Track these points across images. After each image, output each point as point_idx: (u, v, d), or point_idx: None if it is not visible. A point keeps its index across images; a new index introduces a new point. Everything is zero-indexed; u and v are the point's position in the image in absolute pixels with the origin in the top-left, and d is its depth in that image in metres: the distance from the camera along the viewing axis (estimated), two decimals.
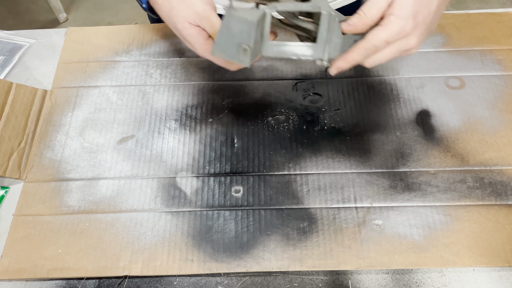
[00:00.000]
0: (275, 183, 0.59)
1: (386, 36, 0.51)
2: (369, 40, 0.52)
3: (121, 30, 0.75)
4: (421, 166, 0.59)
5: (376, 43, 0.51)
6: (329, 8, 0.50)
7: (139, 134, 0.64)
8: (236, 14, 0.48)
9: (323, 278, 0.52)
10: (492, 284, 0.51)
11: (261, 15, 0.49)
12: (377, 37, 0.51)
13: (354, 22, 0.52)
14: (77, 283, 0.53)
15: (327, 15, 0.50)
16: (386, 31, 0.51)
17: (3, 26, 2.00)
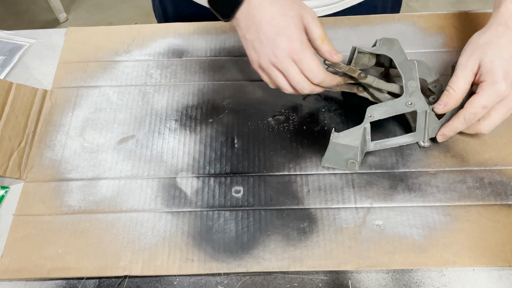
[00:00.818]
0: (275, 184, 0.59)
1: (483, 103, 0.54)
2: (467, 109, 0.55)
3: (121, 30, 0.75)
4: (421, 167, 0.59)
5: (474, 111, 0.54)
6: (422, 103, 0.56)
7: (139, 134, 0.64)
8: (342, 141, 0.56)
9: (323, 278, 0.52)
10: (492, 284, 0.51)
11: (363, 132, 0.56)
12: (474, 104, 0.54)
13: (445, 101, 0.56)
14: (77, 283, 0.53)
15: (422, 113, 0.56)
16: (481, 98, 0.54)
17: (3, 26, 2.00)
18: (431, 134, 0.59)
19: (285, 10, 0.54)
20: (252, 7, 0.55)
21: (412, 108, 0.56)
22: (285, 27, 0.54)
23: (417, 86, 0.58)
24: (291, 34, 0.54)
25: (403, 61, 0.60)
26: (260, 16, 0.54)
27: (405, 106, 0.56)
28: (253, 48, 0.56)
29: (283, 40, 0.54)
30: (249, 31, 0.56)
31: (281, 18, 0.54)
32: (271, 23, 0.54)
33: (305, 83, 0.56)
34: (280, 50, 0.54)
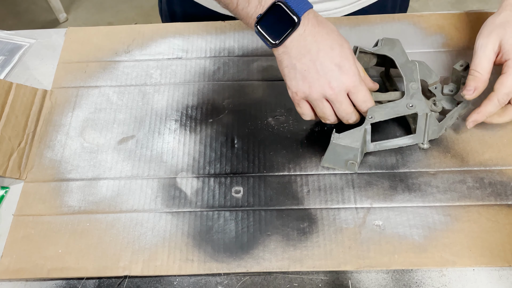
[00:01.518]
0: (275, 184, 0.59)
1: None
2: (499, 90, 0.54)
3: (121, 30, 0.75)
4: (421, 167, 0.59)
5: (506, 91, 0.53)
6: (423, 105, 0.56)
7: (139, 134, 0.64)
8: (342, 142, 0.56)
9: (323, 278, 0.52)
10: (492, 284, 0.51)
11: (363, 134, 0.56)
12: (505, 84, 0.53)
13: (474, 85, 0.55)
14: (77, 283, 0.53)
15: (423, 115, 0.56)
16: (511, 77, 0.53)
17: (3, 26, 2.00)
18: (431, 136, 0.59)
19: (342, 41, 0.54)
20: (308, 34, 0.53)
21: (413, 110, 0.56)
22: (345, 59, 0.53)
23: (418, 88, 0.58)
24: (351, 66, 0.53)
25: (405, 63, 0.60)
26: (318, 46, 0.53)
27: (406, 108, 0.57)
28: (304, 78, 0.54)
29: (343, 72, 0.53)
30: (301, 60, 0.53)
31: (340, 49, 0.53)
32: (330, 53, 0.53)
33: (354, 114, 0.56)
34: (339, 82, 0.53)
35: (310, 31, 0.53)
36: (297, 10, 0.52)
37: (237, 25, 0.75)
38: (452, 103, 0.62)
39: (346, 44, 0.54)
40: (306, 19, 0.53)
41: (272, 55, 0.71)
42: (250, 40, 0.72)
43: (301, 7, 0.53)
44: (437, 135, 0.60)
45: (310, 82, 0.54)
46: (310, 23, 0.53)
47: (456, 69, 0.62)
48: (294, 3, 0.53)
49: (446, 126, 0.61)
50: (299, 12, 0.52)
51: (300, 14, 0.52)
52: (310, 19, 0.53)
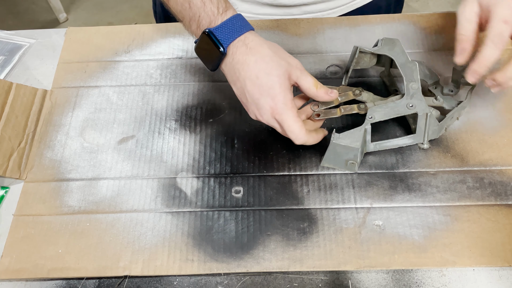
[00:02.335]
0: (276, 184, 0.59)
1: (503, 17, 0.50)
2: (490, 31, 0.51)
3: (121, 30, 0.75)
4: (421, 167, 0.59)
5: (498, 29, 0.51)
6: (423, 105, 0.56)
7: (139, 134, 0.64)
8: (342, 142, 0.56)
9: (323, 278, 0.52)
10: (492, 284, 0.51)
11: (363, 134, 0.56)
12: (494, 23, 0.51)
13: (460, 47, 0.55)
14: (77, 283, 0.53)
15: (423, 115, 0.56)
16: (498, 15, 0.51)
17: (3, 26, 2.00)
18: (431, 136, 0.59)
19: (270, 69, 0.53)
20: (236, 63, 0.54)
21: (413, 110, 0.56)
22: (269, 87, 0.52)
23: (418, 88, 0.58)
24: (275, 94, 0.52)
25: (405, 63, 0.60)
26: (245, 75, 0.53)
27: (406, 108, 0.57)
28: (241, 101, 0.56)
29: (267, 100, 0.53)
30: (235, 84, 0.55)
31: (266, 78, 0.53)
32: (255, 82, 0.53)
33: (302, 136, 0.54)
34: (264, 110, 0.53)
35: (238, 60, 0.54)
36: (223, 40, 0.53)
37: None
38: (452, 103, 0.62)
39: (276, 71, 0.53)
40: (235, 47, 0.54)
41: None
42: None
43: (228, 36, 0.53)
44: (437, 135, 0.60)
45: (246, 106, 0.56)
46: (238, 52, 0.54)
47: (456, 69, 0.62)
48: (221, 33, 0.53)
49: (446, 126, 0.61)
50: (225, 42, 0.53)
51: (226, 44, 0.53)
52: (239, 48, 0.54)
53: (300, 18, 0.75)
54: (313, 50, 0.71)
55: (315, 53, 0.71)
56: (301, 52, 0.71)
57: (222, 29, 0.54)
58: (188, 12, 0.56)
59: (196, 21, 0.56)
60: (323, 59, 0.70)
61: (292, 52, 0.71)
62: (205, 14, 0.55)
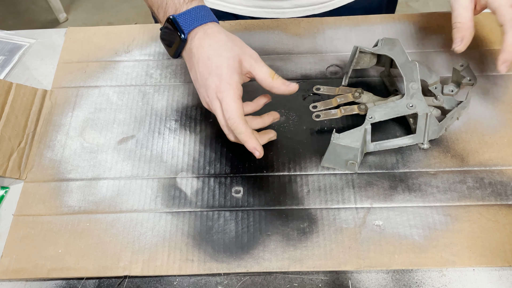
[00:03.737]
0: (276, 184, 0.59)
1: None
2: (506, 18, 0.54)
3: (121, 30, 0.75)
4: (421, 167, 0.59)
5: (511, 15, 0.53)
6: (423, 105, 0.56)
7: (139, 134, 0.64)
8: (342, 142, 0.56)
9: (323, 278, 0.52)
10: (492, 284, 0.51)
11: (363, 134, 0.56)
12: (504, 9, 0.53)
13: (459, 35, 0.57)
14: (77, 283, 0.53)
15: (423, 115, 0.56)
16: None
17: (3, 26, 2.00)
18: (431, 136, 0.59)
19: (221, 51, 0.54)
20: (193, 47, 0.55)
21: (413, 110, 0.56)
22: (217, 67, 0.53)
23: (418, 88, 0.58)
24: (221, 73, 0.53)
25: (405, 62, 0.60)
26: (198, 56, 0.55)
27: (406, 108, 0.57)
28: (196, 89, 0.57)
29: (213, 79, 0.53)
30: (191, 70, 0.57)
31: (216, 58, 0.54)
32: (206, 63, 0.54)
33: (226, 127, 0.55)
34: (210, 90, 0.54)
35: (194, 44, 0.55)
36: (185, 26, 0.55)
37: (237, 25, 0.75)
38: (452, 103, 0.62)
39: (227, 54, 0.54)
40: (195, 33, 0.55)
41: (272, 54, 0.71)
42: (250, 40, 0.72)
43: (190, 23, 0.55)
44: (437, 135, 0.60)
45: (199, 92, 0.57)
46: (196, 37, 0.55)
47: (456, 69, 0.62)
48: (183, 20, 0.56)
49: (446, 126, 0.61)
50: (186, 28, 0.55)
51: (187, 30, 0.55)
52: (197, 33, 0.55)
53: (300, 18, 0.75)
54: (313, 50, 0.71)
55: (315, 53, 0.71)
56: (301, 52, 0.71)
57: (185, 16, 0.56)
58: (157, 0, 0.59)
59: (164, 8, 0.58)
60: (323, 59, 0.70)
61: (292, 52, 0.71)
62: (172, 2, 0.57)
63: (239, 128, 0.52)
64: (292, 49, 0.71)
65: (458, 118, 0.62)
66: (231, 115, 0.52)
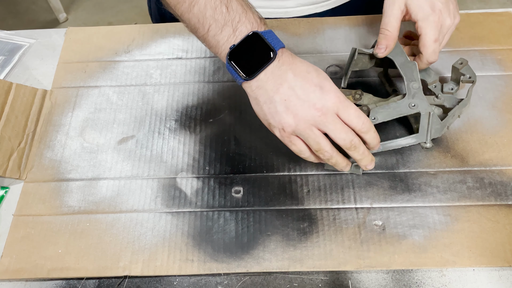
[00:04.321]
0: (276, 184, 0.59)
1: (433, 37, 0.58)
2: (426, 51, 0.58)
3: (121, 30, 0.75)
4: (421, 167, 0.59)
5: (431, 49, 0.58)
6: (425, 104, 0.57)
7: (139, 134, 0.64)
8: None
9: (323, 278, 0.52)
10: (492, 284, 0.51)
11: None
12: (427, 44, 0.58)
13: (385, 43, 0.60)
14: (77, 283, 0.53)
15: (426, 114, 0.57)
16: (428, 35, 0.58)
17: (3, 26, 2.00)
18: (433, 134, 0.59)
19: (316, 67, 0.51)
20: (282, 64, 0.50)
21: (415, 110, 0.56)
22: (323, 79, 0.50)
23: (419, 87, 0.58)
24: (330, 85, 0.50)
25: (404, 62, 0.60)
26: (294, 72, 0.50)
27: (408, 108, 0.56)
28: (286, 109, 0.49)
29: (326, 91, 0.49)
30: (279, 90, 0.49)
31: (316, 72, 0.50)
32: (308, 77, 0.49)
33: (353, 133, 0.51)
34: (324, 102, 0.49)
35: (284, 61, 0.50)
36: (274, 43, 0.50)
37: None
38: (453, 101, 0.62)
39: (321, 70, 0.52)
40: (281, 52, 0.51)
41: None
42: None
43: (277, 42, 0.51)
44: (439, 134, 0.60)
45: (294, 111, 0.49)
46: (284, 55, 0.50)
47: (456, 67, 0.62)
48: (270, 37, 0.50)
49: (448, 125, 0.61)
50: (276, 46, 0.50)
51: (277, 47, 0.50)
52: (284, 52, 0.51)
53: (300, 18, 0.75)
54: (313, 50, 0.71)
55: (315, 53, 0.71)
56: (301, 52, 0.71)
57: (270, 34, 0.51)
58: (225, 16, 0.51)
59: (234, 25, 0.50)
60: (323, 59, 0.70)
61: (292, 52, 0.71)
62: (247, 19, 0.51)
63: (373, 128, 0.53)
64: (292, 49, 0.71)
65: (459, 116, 0.62)
66: (365, 118, 0.51)
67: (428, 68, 0.63)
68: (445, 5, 0.58)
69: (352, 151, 0.52)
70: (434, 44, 0.58)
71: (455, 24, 0.60)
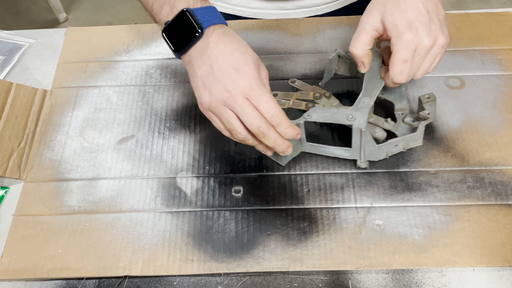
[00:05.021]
0: (276, 183, 0.59)
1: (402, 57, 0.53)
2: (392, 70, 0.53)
3: (121, 30, 0.75)
4: (421, 166, 0.59)
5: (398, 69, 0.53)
6: (362, 121, 0.54)
7: (139, 134, 0.64)
8: None
9: (323, 278, 0.52)
10: (492, 284, 0.51)
11: None
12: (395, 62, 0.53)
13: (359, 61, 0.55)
14: (77, 283, 0.53)
15: (357, 130, 0.55)
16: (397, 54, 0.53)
17: (3, 26, 2.00)
18: (368, 156, 0.58)
19: (245, 50, 0.52)
20: (210, 42, 0.51)
21: (350, 122, 0.55)
22: (243, 63, 0.50)
23: (369, 105, 0.56)
24: (248, 69, 0.50)
25: (371, 78, 0.58)
26: (218, 51, 0.51)
27: (345, 118, 0.55)
28: (204, 86, 0.51)
29: (240, 74, 0.50)
30: (202, 67, 0.51)
31: (240, 55, 0.51)
32: (229, 58, 0.50)
33: (262, 120, 0.50)
34: (235, 85, 0.49)
35: (213, 39, 0.51)
36: (203, 21, 0.51)
37: (237, 25, 0.75)
38: (405, 132, 0.60)
39: (251, 53, 0.52)
40: (212, 30, 0.52)
41: (272, 54, 0.71)
42: (250, 40, 0.72)
43: (207, 19, 0.52)
44: (375, 158, 0.58)
45: (210, 89, 0.51)
46: (215, 33, 0.51)
47: (421, 99, 0.60)
48: (201, 14, 0.52)
49: (387, 152, 0.59)
50: (204, 23, 0.51)
51: (205, 25, 0.51)
52: (215, 30, 0.52)
53: (300, 18, 0.75)
54: (313, 50, 0.71)
55: (315, 53, 0.71)
56: (301, 52, 0.71)
57: (202, 12, 0.52)
58: None
59: (171, 3, 0.54)
60: (323, 59, 0.70)
61: (292, 52, 0.71)
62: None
63: (285, 122, 0.51)
64: (292, 49, 0.71)
65: (405, 149, 0.59)
66: (275, 111, 0.50)
67: (404, 95, 0.62)
68: (425, 25, 0.52)
69: (261, 138, 0.51)
70: (401, 65, 0.53)
71: (440, 46, 0.54)
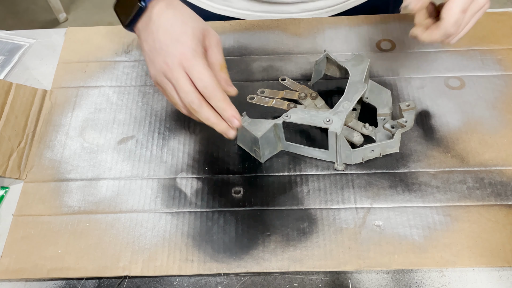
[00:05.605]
0: (275, 184, 0.59)
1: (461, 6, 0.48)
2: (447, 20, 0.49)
3: (121, 30, 0.74)
4: (421, 167, 0.59)
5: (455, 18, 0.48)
6: (338, 125, 0.55)
7: (139, 134, 0.64)
8: (248, 127, 0.57)
9: (323, 278, 0.52)
10: (492, 284, 0.51)
11: (270, 128, 0.57)
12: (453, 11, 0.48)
13: None
14: (77, 283, 0.53)
15: (332, 133, 0.55)
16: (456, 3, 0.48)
17: (3, 26, 2.00)
18: (345, 159, 0.58)
19: (186, 20, 0.52)
20: (153, 15, 0.52)
21: (327, 125, 0.55)
22: (181, 34, 0.50)
23: (348, 109, 0.56)
24: (185, 40, 0.50)
25: (355, 82, 0.58)
26: (159, 24, 0.51)
27: (323, 121, 0.56)
28: (149, 59, 0.52)
29: (177, 46, 0.50)
30: (147, 40, 0.52)
31: (180, 26, 0.51)
32: (168, 30, 0.51)
33: (194, 95, 0.49)
34: (172, 57, 0.50)
35: (156, 12, 0.52)
36: None
37: (237, 25, 0.75)
38: (383, 138, 0.60)
39: (192, 24, 0.51)
40: (156, 2, 0.52)
41: (272, 54, 0.71)
42: (250, 40, 0.72)
43: None
44: (352, 162, 0.58)
45: (153, 62, 0.52)
46: (158, 6, 0.52)
47: (400, 107, 0.60)
48: None
49: (363, 157, 0.59)
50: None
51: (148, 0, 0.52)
52: (159, 3, 0.52)
53: (300, 18, 0.75)
54: (313, 50, 0.71)
55: (315, 53, 0.71)
56: (301, 52, 0.71)
57: None
58: None
59: None
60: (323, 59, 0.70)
61: (292, 52, 0.71)
62: None
63: (218, 95, 0.50)
64: (292, 49, 0.71)
65: (381, 154, 0.59)
66: (207, 82, 0.49)
67: (390, 102, 0.62)
68: None
69: (193, 114, 0.51)
70: (459, 14, 0.48)
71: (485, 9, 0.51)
